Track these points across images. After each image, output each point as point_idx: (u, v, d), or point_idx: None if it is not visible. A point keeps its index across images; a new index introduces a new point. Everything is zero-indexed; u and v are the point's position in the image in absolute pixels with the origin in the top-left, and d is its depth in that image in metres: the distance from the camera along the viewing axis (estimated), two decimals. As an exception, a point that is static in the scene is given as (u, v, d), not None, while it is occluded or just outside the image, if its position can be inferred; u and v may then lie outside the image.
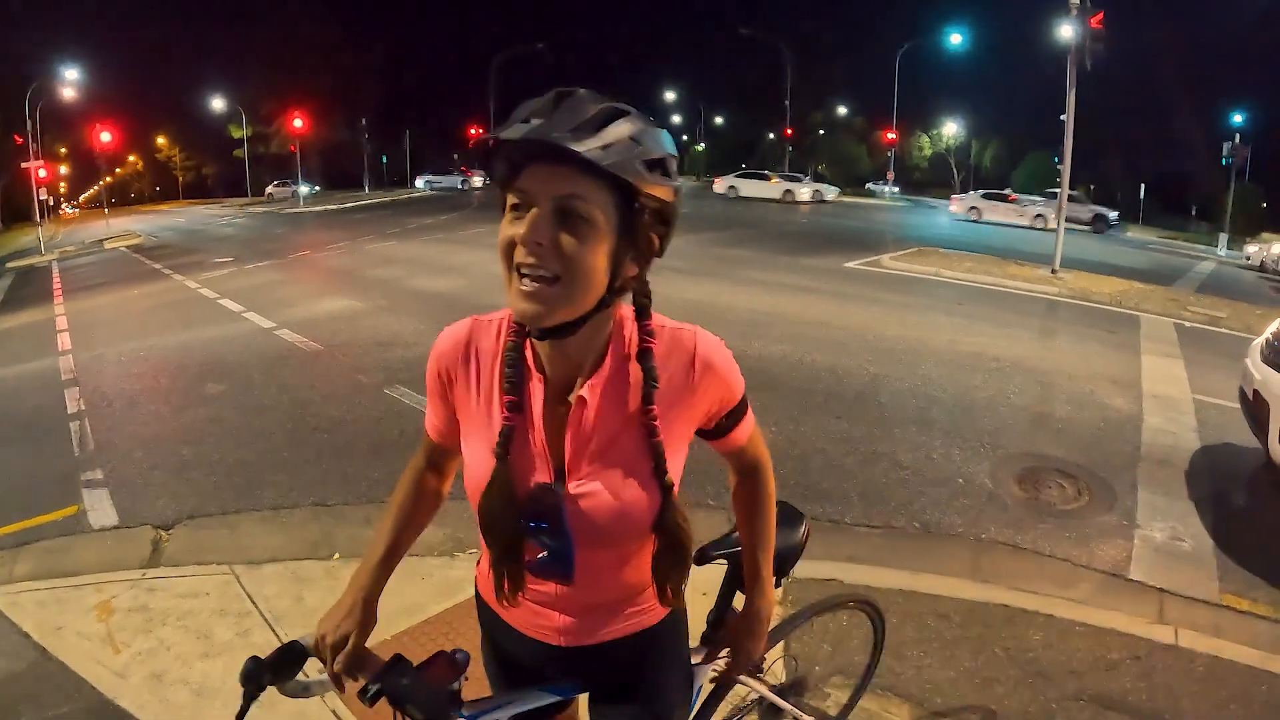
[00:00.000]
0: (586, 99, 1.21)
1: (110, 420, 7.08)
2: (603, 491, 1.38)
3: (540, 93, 1.23)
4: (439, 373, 1.49)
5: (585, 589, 1.48)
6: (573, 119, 1.18)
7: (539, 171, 1.20)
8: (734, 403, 1.50)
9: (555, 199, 1.20)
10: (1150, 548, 4.69)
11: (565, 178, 1.19)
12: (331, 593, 3.93)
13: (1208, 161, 47.50)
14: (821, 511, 4.99)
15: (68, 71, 38.17)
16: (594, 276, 1.24)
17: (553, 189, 1.20)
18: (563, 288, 1.21)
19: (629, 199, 1.23)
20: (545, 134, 1.16)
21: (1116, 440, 6.39)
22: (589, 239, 1.21)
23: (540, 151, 1.19)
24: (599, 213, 1.21)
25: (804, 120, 65.92)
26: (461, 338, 1.48)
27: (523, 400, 1.39)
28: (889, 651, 3.39)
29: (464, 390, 1.47)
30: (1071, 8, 16.02)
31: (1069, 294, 13.76)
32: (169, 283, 16.38)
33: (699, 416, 1.45)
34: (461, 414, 1.48)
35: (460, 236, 21.58)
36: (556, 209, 1.20)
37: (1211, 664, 3.58)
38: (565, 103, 1.20)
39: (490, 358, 1.44)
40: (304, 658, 1.47)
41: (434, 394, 1.52)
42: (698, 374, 1.41)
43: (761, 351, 8.46)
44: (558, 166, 1.19)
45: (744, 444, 1.59)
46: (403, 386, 7.40)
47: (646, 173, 1.22)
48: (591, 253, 1.22)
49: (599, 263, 1.23)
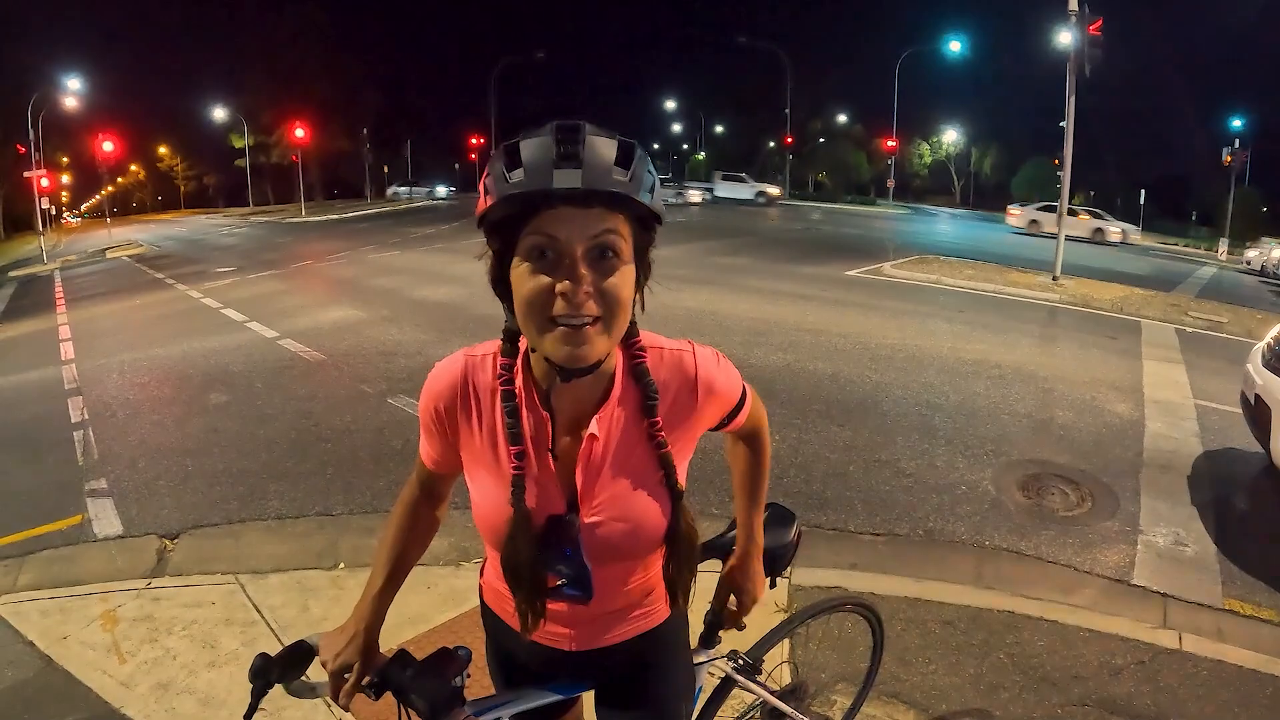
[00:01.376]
0: (599, 135, 1.19)
1: (114, 429, 7.09)
2: (617, 514, 1.38)
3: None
4: (435, 411, 1.45)
5: (599, 602, 1.49)
6: (608, 159, 1.17)
7: (565, 215, 1.17)
8: (735, 404, 1.53)
9: (589, 241, 1.18)
10: (1153, 553, 4.69)
11: (596, 218, 1.18)
12: (337, 602, 3.95)
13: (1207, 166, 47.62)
14: (825, 519, 4.99)
15: (70, 81, 38.33)
16: (628, 309, 1.24)
17: (587, 231, 1.18)
18: (603, 327, 1.21)
19: (645, 226, 1.24)
20: (607, 185, 1.15)
21: (1119, 446, 6.39)
22: (621, 274, 1.21)
23: (602, 198, 1.17)
24: (626, 246, 1.21)
25: (804, 128, 66.04)
26: (456, 376, 1.43)
27: (528, 444, 1.38)
28: (894, 658, 3.41)
29: (466, 428, 1.44)
30: (1070, 15, 16.04)
31: (1070, 300, 13.77)
32: (172, 292, 16.40)
33: (703, 427, 1.48)
34: (465, 450, 1.46)
35: (462, 246, 21.57)
36: (593, 249, 1.18)
37: (1215, 668, 3.58)
38: (592, 142, 1.17)
39: (489, 394, 1.41)
40: (311, 656, 1.49)
41: (429, 431, 1.49)
42: (700, 397, 1.43)
43: (762, 360, 8.47)
44: (586, 209, 1.17)
45: (744, 422, 1.61)
46: (405, 396, 7.41)
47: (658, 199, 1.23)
48: (626, 287, 1.22)
49: (629, 295, 1.23)
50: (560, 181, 1.14)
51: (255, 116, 61.56)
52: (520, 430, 1.36)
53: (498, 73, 61.77)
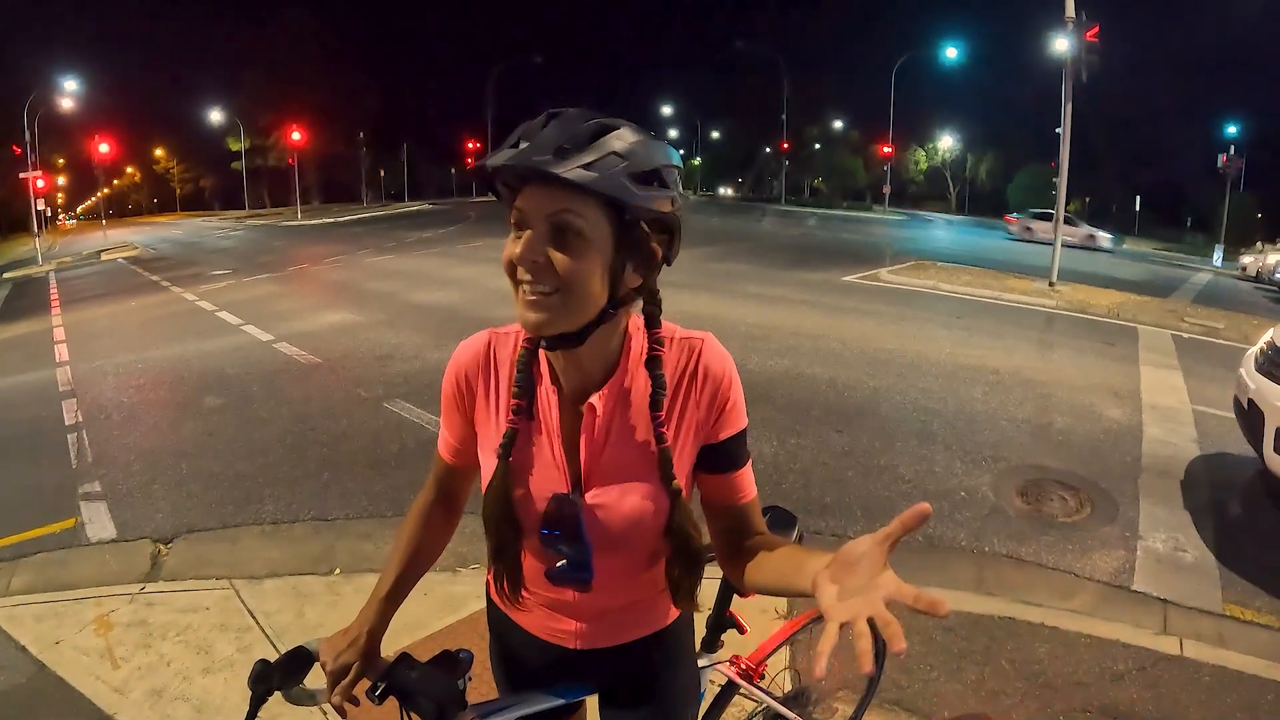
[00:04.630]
0: (576, 118, 1.23)
1: (108, 432, 7.05)
2: (617, 499, 1.39)
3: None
4: (457, 383, 1.49)
5: (602, 594, 1.49)
6: (558, 139, 1.20)
7: (533, 192, 1.24)
8: (734, 416, 1.43)
9: (548, 217, 1.23)
10: (1153, 558, 4.69)
11: (556, 196, 1.22)
12: (333, 608, 3.92)
13: (1202, 172, 47.77)
14: (825, 525, 4.98)
15: (67, 82, 38.20)
16: (590, 288, 1.26)
17: (545, 208, 1.23)
18: (560, 299, 1.24)
19: (620, 212, 1.25)
20: (526, 159, 1.19)
21: (1117, 451, 6.39)
22: (583, 253, 1.23)
23: (533, 173, 1.21)
24: (591, 228, 1.23)
25: (800, 134, 66.19)
26: (480, 348, 1.48)
27: (533, 407, 1.42)
28: (895, 665, 3.39)
29: (483, 401, 1.47)
30: (1068, 21, 16.08)
31: (1067, 306, 13.79)
32: (167, 295, 16.35)
33: (704, 422, 1.42)
34: (480, 426, 1.49)
35: (458, 250, 21.61)
36: (551, 227, 1.23)
37: (1217, 674, 3.57)
38: (553, 123, 1.23)
39: (508, 368, 1.45)
40: (311, 662, 1.48)
41: (450, 407, 1.52)
42: (700, 383, 1.41)
43: (760, 365, 8.45)
44: (549, 186, 1.22)
45: (750, 499, 1.48)
46: (402, 400, 7.38)
47: (633, 185, 1.22)
48: (586, 266, 1.24)
49: (594, 275, 1.25)
50: (493, 160, 1.22)
51: (252, 119, 61.57)
52: (527, 386, 1.41)
53: (495, 77, 61.93)
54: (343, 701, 1.44)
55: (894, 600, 0.99)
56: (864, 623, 0.96)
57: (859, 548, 1.07)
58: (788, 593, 1.32)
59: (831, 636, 0.97)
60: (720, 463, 1.44)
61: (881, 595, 1.00)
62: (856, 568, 1.05)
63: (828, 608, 1.03)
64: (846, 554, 1.08)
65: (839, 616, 1.00)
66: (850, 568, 1.06)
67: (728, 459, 1.45)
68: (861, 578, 1.04)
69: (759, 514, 1.50)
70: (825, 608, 1.03)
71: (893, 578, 1.01)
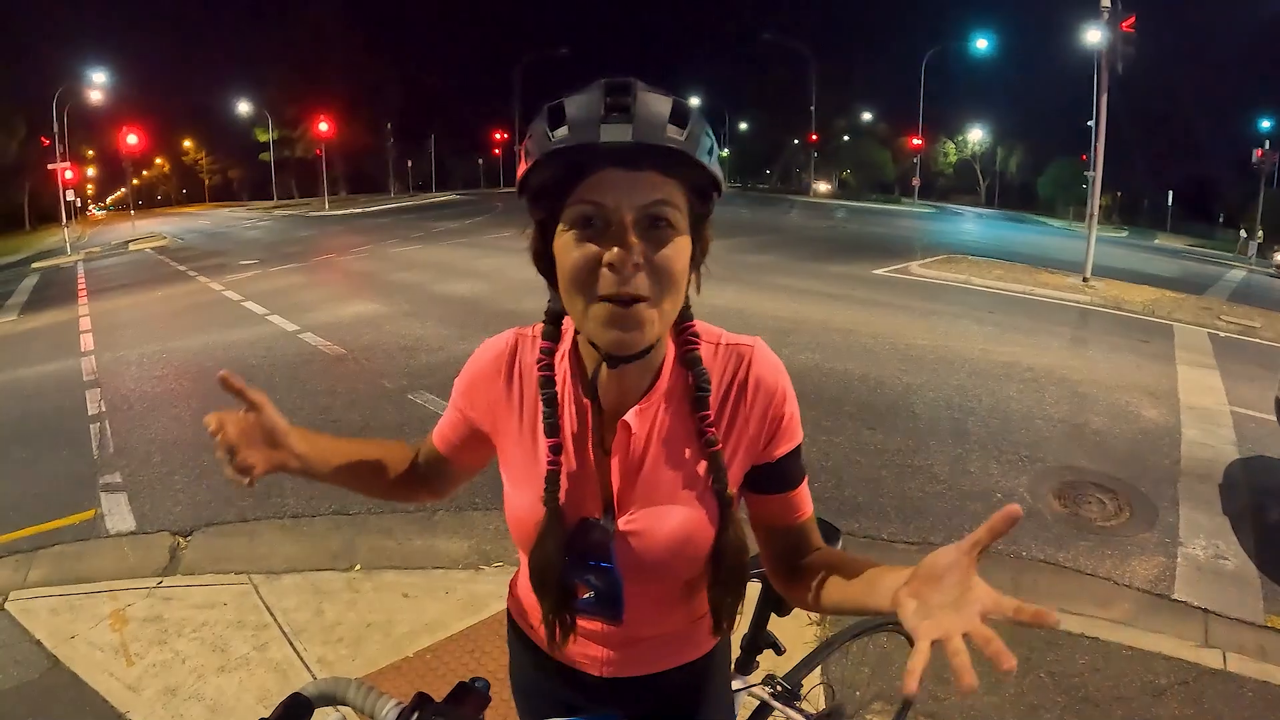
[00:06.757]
0: (653, 92, 1.05)
1: (130, 423, 7.03)
2: (656, 523, 1.23)
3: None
4: (471, 386, 1.35)
5: (634, 625, 1.33)
6: (664, 115, 1.03)
7: (613, 178, 1.04)
8: (790, 431, 1.30)
9: (640, 209, 1.05)
10: (1193, 566, 4.53)
11: (647, 183, 1.05)
12: (351, 606, 3.84)
13: (1235, 168, 47.08)
14: (858, 526, 4.85)
15: (95, 74, 38.61)
16: (682, 287, 1.11)
17: (636, 199, 1.05)
18: (653, 306, 1.07)
19: (703, 196, 1.11)
20: (660, 141, 1.02)
21: (1155, 453, 6.22)
22: (677, 246, 1.08)
23: (615, 156, 1.03)
24: (681, 217, 1.08)
25: (828, 126, 65.74)
26: (503, 352, 1.32)
27: (567, 437, 1.25)
28: (932, 677, 3.26)
29: (505, 412, 1.31)
30: (1102, 11, 15.78)
31: (1101, 303, 13.55)
32: (193, 285, 16.42)
33: (755, 439, 1.27)
34: (501, 438, 1.33)
35: (483, 241, 21.55)
36: (644, 220, 1.06)
37: (1260, 689, 3.45)
38: (635, 97, 1.04)
39: (537, 377, 1.27)
40: (310, 711, 1.35)
41: (457, 406, 1.38)
42: (750, 394, 1.25)
43: (790, 359, 8.26)
44: (636, 172, 1.04)
45: (808, 516, 1.35)
46: (426, 392, 7.31)
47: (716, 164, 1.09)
48: (680, 261, 1.08)
49: (685, 270, 1.10)
50: (609, 136, 1.01)
51: (279, 111, 61.77)
52: (557, 422, 1.23)
53: (521, 68, 61.89)
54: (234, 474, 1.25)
55: (992, 614, 0.89)
56: (959, 639, 0.87)
57: (943, 559, 0.96)
58: (861, 612, 1.24)
59: (923, 654, 0.87)
60: (775, 482, 1.30)
61: (977, 610, 0.90)
62: (942, 581, 0.95)
63: (915, 626, 0.93)
64: (930, 567, 0.97)
65: (931, 634, 0.90)
66: (935, 581, 0.96)
67: (784, 477, 1.30)
68: (949, 592, 0.93)
69: (816, 529, 1.36)
70: (913, 626, 0.93)
71: (987, 590, 0.92)
